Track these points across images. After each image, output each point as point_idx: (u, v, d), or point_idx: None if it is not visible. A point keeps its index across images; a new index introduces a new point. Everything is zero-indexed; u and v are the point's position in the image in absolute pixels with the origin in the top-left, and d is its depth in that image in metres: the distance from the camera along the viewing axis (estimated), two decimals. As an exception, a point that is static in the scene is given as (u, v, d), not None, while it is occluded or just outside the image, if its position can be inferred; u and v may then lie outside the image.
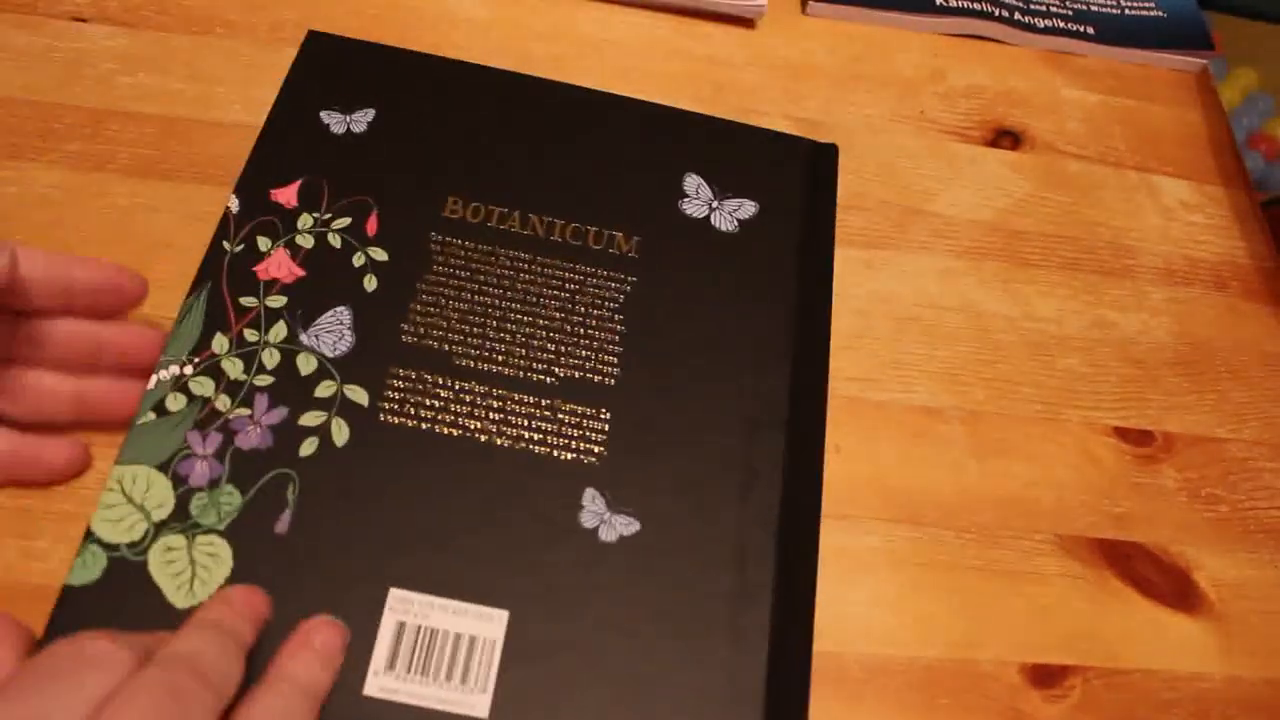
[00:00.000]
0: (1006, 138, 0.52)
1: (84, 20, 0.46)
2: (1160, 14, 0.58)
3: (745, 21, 0.53)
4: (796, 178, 0.46)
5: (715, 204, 0.44)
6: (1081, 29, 0.56)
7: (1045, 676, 0.38)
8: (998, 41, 0.56)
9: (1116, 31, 0.57)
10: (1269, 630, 0.40)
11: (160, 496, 0.34)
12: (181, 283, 0.39)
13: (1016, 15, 0.56)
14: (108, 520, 0.34)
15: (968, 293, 0.46)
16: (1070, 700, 0.37)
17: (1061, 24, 0.56)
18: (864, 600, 0.38)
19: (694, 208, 0.44)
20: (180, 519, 0.34)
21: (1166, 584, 0.41)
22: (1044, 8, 0.57)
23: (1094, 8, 0.58)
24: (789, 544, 0.37)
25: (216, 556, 0.34)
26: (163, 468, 0.35)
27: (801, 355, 0.41)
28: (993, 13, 0.55)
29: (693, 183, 0.44)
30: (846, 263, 0.46)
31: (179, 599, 0.33)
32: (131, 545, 0.33)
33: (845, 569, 0.39)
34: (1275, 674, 0.39)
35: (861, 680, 0.37)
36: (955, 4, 0.55)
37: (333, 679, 0.31)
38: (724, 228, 0.44)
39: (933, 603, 0.39)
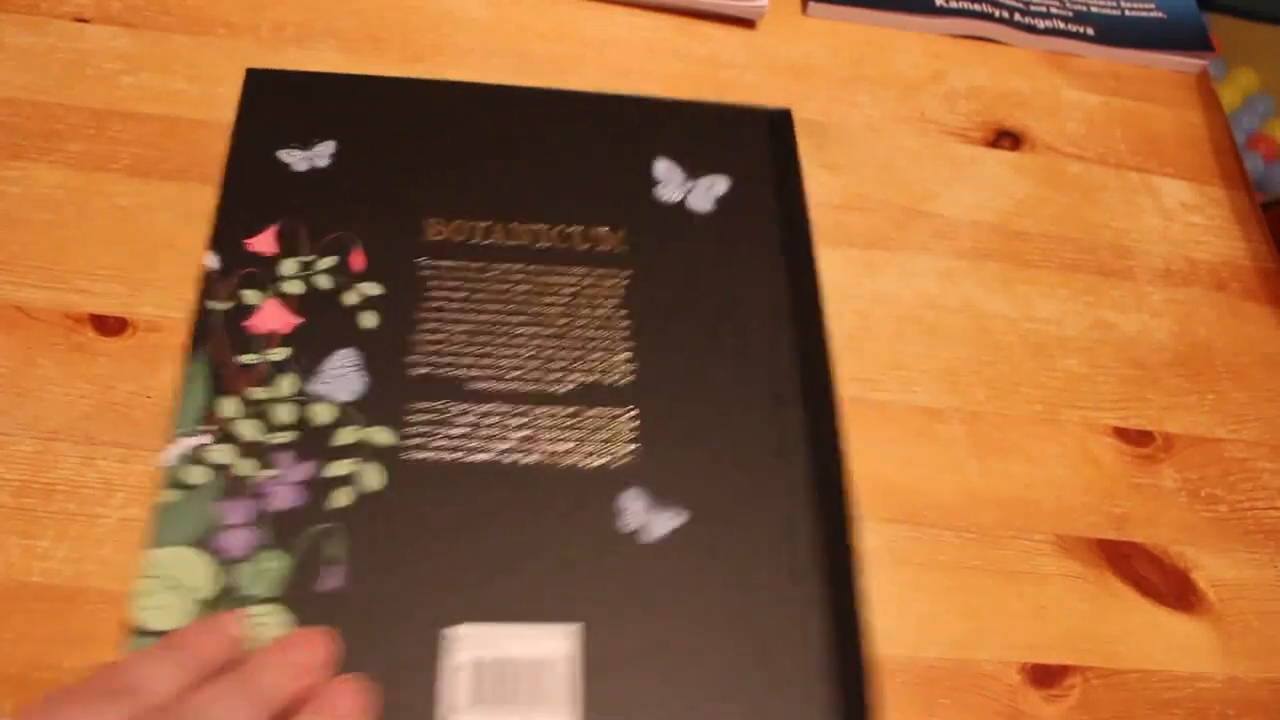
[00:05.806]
0: (1007, 138, 0.52)
1: (86, 21, 0.46)
2: (1160, 15, 0.58)
3: (746, 22, 0.53)
4: (762, 146, 0.46)
5: (689, 185, 0.44)
6: (1081, 30, 0.56)
7: (1045, 676, 0.38)
8: (998, 42, 0.56)
9: (1116, 33, 0.57)
10: (1268, 630, 0.40)
11: (202, 575, 0.33)
12: (183, 284, 0.39)
13: (1016, 16, 0.56)
14: (152, 609, 0.32)
15: (968, 293, 0.46)
16: (1070, 700, 0.38)
17: (1061, 25, 0.56)
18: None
19: (669, 192, 0.44)
20: (229, 594, 0.33)
21: (1166, 584, 0.41)
22: (1044, 9, 0.57)
23: (1094, 9, 0.58)
24: (830, 508, 0.37)
25: (273, 625, 0.33)
26: (199, 545, 0.34)
27: (799, 318, 0.42)
28: (993, 14, 0.55)
29: (663, 167, 0.45)
30: (847, 263, 0.46)
31: None
32: None
33: (845, 569, 0.39)
34: (1274, 674, 0.39)
35: (862, 680, 0.37)
36: (955, 5, 0.55)
37: None
38: (701, 208, 0.44)
39: (933, 603, 0.39)
